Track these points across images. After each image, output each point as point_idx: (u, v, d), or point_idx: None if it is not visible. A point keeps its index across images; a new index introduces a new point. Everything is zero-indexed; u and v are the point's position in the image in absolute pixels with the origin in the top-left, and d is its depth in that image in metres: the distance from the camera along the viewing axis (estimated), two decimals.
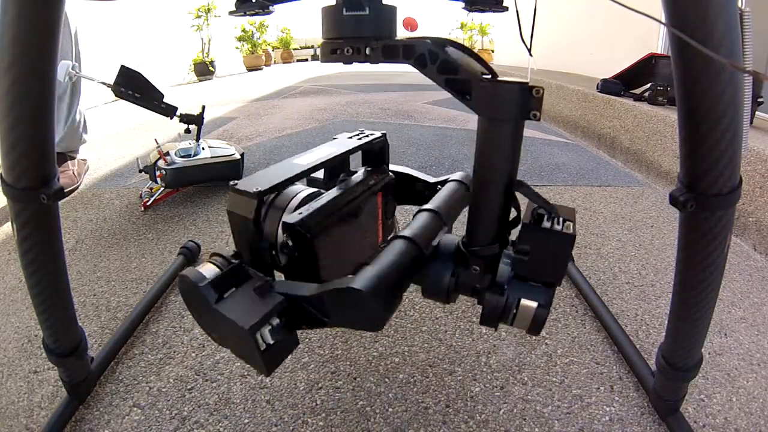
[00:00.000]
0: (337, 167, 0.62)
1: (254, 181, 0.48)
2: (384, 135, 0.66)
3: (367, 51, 0.41)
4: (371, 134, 0.66)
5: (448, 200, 0.56)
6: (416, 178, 0.68)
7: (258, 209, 0.46)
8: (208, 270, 0.43)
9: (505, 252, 0.44)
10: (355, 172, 0.62)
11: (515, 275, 0.42)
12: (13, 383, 0.69)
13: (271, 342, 0.40)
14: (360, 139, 0.64)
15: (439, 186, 0.65)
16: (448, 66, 0.39)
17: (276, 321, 0.41)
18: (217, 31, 5.62)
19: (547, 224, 0.39)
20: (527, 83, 0.37)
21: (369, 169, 0.63)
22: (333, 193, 0.53)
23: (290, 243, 0.47)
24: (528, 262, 0.40)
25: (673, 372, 0.56)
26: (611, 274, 0.98)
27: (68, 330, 0.59)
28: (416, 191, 0.68)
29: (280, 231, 0.48)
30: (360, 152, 0.64)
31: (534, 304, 0.41)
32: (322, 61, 0.48)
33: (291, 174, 0.51)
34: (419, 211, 0.52)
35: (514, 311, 0.42)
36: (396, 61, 0.40)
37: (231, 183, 0.48)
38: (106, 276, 0.98)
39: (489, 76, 0.39)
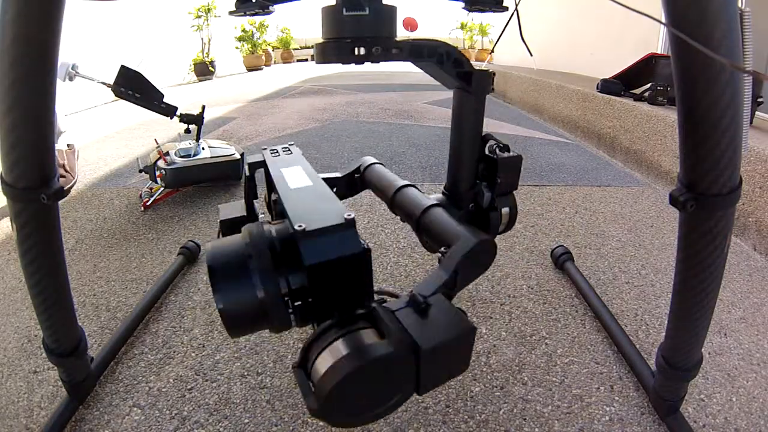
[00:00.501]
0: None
1: (313, 217, 0.37)
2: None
3: (394, 51, 0.45)
4: (287, 146, 0.64)
5: (393, 174, 0.64)
6: (326, 178, 0.67)
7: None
8: (371, 335, 0.34)
9: (480, 183, 0.60)
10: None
11: (495, 195, 0.58)
12: (13, 383, 0.69)
13: None
14: (288, 152, 0.62)
15: (356, 175, 0.68)
16: (458, 62, 0.51)
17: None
18: (217, 31, 5.62)
19: (504, 154, 0.57)
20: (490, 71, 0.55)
21: None
22: None
23: None
24: (502, 182, 0.58)
25: (673, 372, 0.56)
26: (611, 274, 0.98)
27: (68, 330, 0.59)
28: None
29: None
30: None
31: (508, 209, 0.60)
32: (319, 62, 0.45)
33: (333, 197, 0.44)
34: (399, 189, 0.58)
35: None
36: (419, 60, 0.48)
37: (297, 228, 0.35)
38: (106, 276, 0.98)
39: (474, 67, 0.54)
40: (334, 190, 0.67)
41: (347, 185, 0.68)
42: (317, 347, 0.34)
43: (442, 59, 0.50)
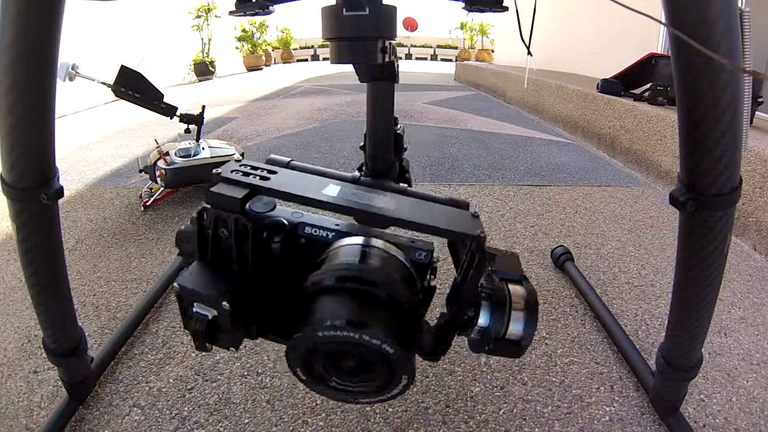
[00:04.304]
0: None
1: None
2: None
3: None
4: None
5: None
6: None
7: None
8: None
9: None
10: None
11: None
12: (13, 383, 0.69)
13: None
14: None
15: None
16: None
17: None
18: (217, 31, 5.62)
19: None
20: None
21: None
22: None
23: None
24: None
25: (673, 372, 0.56)
26: (611, 274, 0.98)
27: (68, 330, 0.59)
28: None
29: None
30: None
31: None
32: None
33: None
34: None
35: None
36: None
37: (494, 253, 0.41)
38: (106, 276, 0.98)
39: None
40: None
41: None
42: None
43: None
